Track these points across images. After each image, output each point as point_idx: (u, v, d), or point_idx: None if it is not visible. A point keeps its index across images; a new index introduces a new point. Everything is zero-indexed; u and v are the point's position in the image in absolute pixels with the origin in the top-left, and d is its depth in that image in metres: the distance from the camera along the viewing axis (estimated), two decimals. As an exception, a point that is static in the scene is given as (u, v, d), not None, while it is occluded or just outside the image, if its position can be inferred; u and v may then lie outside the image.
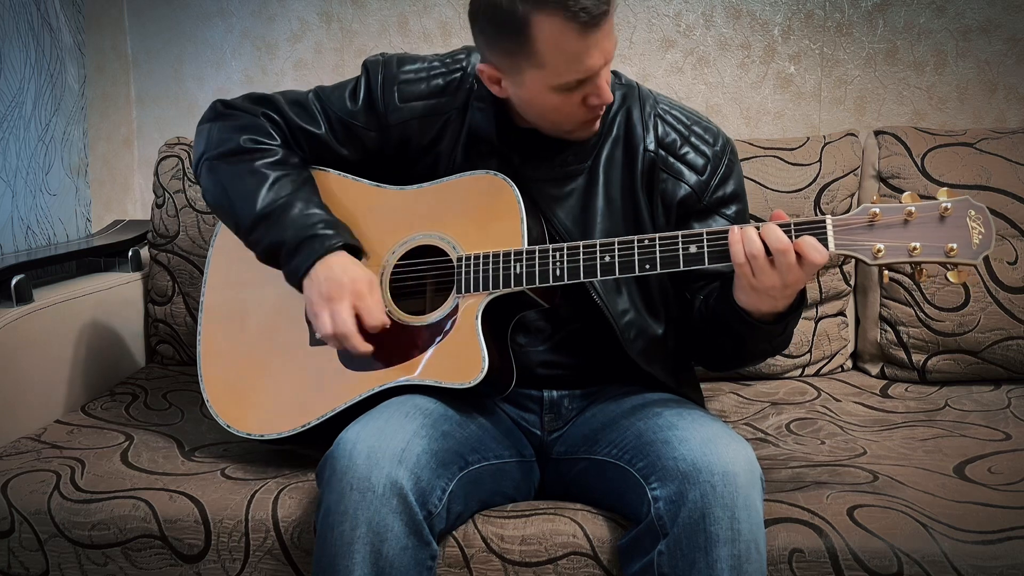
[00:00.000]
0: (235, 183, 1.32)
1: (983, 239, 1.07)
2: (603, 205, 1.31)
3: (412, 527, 1.09)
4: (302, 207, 1.29)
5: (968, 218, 1.07)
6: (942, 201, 1.08)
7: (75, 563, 1.28)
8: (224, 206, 1.34)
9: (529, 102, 1.24)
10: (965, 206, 1.07)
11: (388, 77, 1.36)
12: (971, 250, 1.07)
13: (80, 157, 2.08)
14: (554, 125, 1.27)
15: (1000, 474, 1.32)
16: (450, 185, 1.31)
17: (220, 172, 1.34)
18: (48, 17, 1.94)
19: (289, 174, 1.33)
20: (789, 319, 1.19)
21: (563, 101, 1.21)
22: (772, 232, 1.09)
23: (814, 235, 1.09)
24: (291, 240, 1.27)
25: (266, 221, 1.29)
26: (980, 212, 1.08)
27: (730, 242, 1.11)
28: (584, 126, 1.27)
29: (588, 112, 1.23)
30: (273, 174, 1.32)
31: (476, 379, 1.21)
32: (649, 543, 1.10)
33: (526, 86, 1.21)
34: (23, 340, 1.57)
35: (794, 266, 1.08)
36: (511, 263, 1.23)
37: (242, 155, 1.34)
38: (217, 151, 1.35)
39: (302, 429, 1.30)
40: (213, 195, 1.36)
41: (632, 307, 1.29)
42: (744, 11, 2.04)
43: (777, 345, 1.27)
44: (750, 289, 1.12)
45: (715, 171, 1.33)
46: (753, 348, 1.27)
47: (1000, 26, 1.99)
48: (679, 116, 1.36)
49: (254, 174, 1.32)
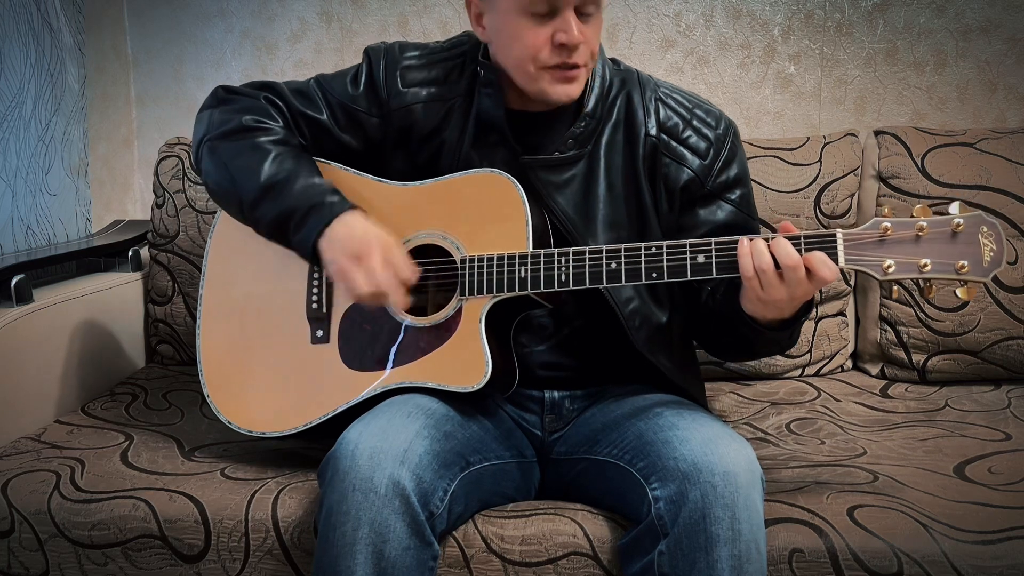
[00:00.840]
0: (237, 159, 1.30)
1: (994, 256, 1.06)
2: (604, 191, 1.30)
3: (414, 528, 1.09)
4: (306, 178, 1.27)
5: (980, 235, 1.06)
6: (954, 217, 1.07)
7: (75, 563, 1.28)
8: (226, 185, 1.31)
9: (504, 39, 1.23)
10: (977, 222, 1.07)
11: (390, 62, 1.35)
12: (982, 267, 1.06)
13: (80, 157, 2.08)
14: (528, 77, 1.23)
15: (1000, 474, 1.32)
16: (454, 183, 1.30)
17: (221, 151, 1.32)
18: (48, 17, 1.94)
19: (291, 151, 1.31)
20: (795, 326, 1.19)
21: (533, 36, 1.19)
22: (782, 247, 1.08)
23: (824, 249, 1.09)
24: (301, 207, 1.24)
25: (271, 192, 1.26)
26: (992, 229, 1.07)
27: (739, 255, 1.11)
28: (556, 77, 1.22)
29: (557, 55, 1.20)
30: (275, 149, 1.30)
31: (479, 383, 1.20)
32: (649, 543, 1.10)
33: (499, 12, 1.21)
34: (23, 340, 1.57)
35: (803, 281, 1.08)
36: (515, 267, 1.22)
37: (244, 133, 1.32)
38: (218, 131, 1.33)
39: (303, 428, 1.30)
40: (214, 177, 1.33)
41: (637, 295, 1.29)
42: (744, 11, 2.04)
43: (783, 347, 1.27)
44: (757, 300, 1.12)
45: (718, 154, 1.31)
46: (759, 349, 1.27)
47: (1000, 26, 1.99)
48: (680, 99, 1.34)
49: (256, 149, 1.30)
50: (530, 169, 1.28)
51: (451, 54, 1.36)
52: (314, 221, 1.23)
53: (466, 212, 1.27)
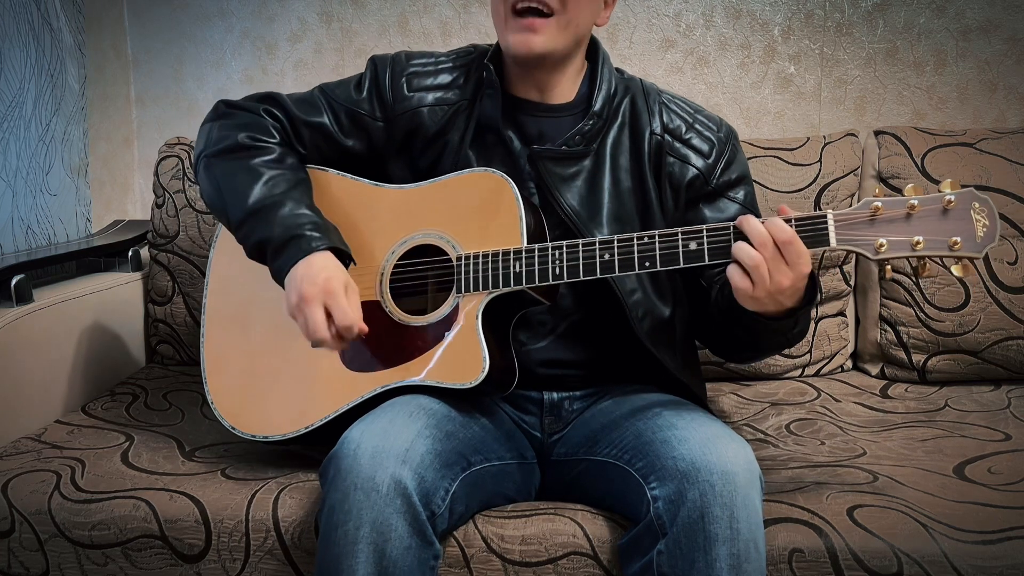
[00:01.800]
0: (229, 180, 1.32)
1: (988, 231, 1.05)
2: (610, 186, 1.32)
3: (416, 527, 1.09)
4: (292, 207, 1.28)
5: (972, 210, 1.06)
6: (945, 194, 1.06)
7: (75, 563, 1.28)
8: (217, 203, 1.34)
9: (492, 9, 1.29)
10: (969, 198, 1.06)
11: (397, 69, 1.38)
12: (975, 243, 1.05)
13: (80, 157, 2.08)
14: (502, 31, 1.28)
15: (1000, 474, 1.32)
16: (449, 183, 1.31)
17: (215, 169, 1.34)
18: (48, 17, 1.94)
19: (284, 174, 1.32)
20: (800, 313, 1.18)
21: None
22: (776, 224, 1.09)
23: (815, 229, 1.09)
24: (278, 238, 1.25)
25: (255, 217, 1.28)
26: (984, 204, 1.06)
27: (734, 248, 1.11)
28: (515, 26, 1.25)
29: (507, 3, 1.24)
30: (268, 172, 1.31)
31: (477, 379, 1.20)
32: (648, 543, 1.10)
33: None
34: (23, 340, 1.57)
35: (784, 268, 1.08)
36: (510, 262, 1.23)
37: (239, 152, 1.34)
38: (215, 148, 1.35)
39: (305, 431, 1.30)
40: (208, 193, 1.36)
41: (640, 288, 1.30)
42: (744, 11, 2.04)
43: (792, 338, 1.26)
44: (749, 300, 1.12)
45: (720, 155, 1.35)
46: (769, 341, 1.26)
47: (1000, 26, 1.99)
48: (683, 106, 1.40)
49: (249, 171, 1.31)
50: (538, 159, 1.30)
51: (457, 63, 1.39)
52: (287, 256, 1.24)
53: (461, 211, 1.28)
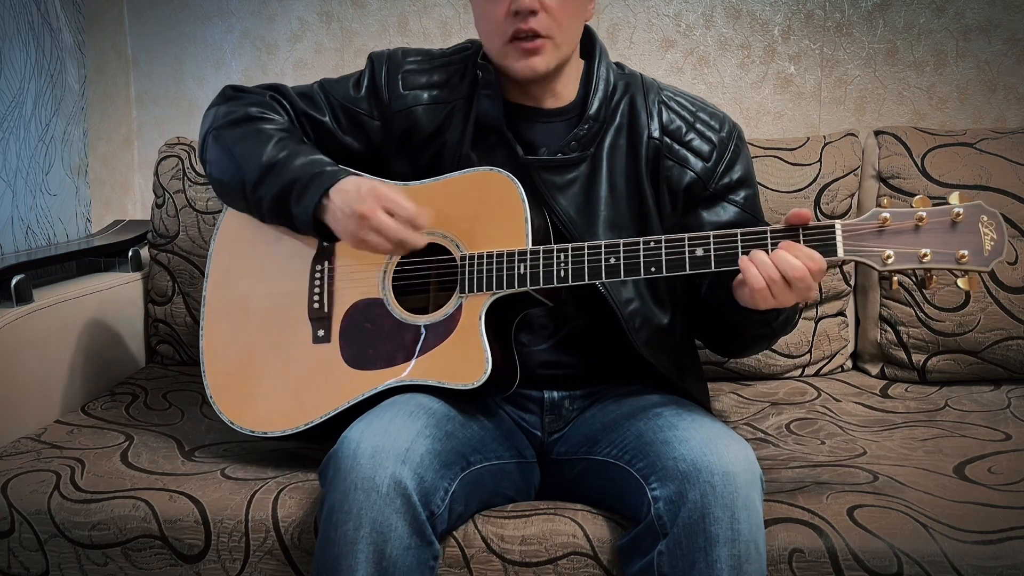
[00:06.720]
0: (240, 144, 1.32)
1: (995, 245, 1.05)
2: (606, 193, 1.30)
3: (415, 527, 1.09)
4: (307, 154, 1.29)
5: (980, 223, 1.06)
6: (954, 206, 1.06)
7: (75, 563, 1.28)
8: (229, 170, 1.33)
9: (477, 20, 1.28)
10: (977, 211, 1.06)
11: (393, 67, 1.38)
12: (983, 257, 1.05)
13: (80, 157, 2.08)
14: (498, 55, 1.27)
15: (1000, 474, 1.32)
16: (453, 182, 1.30)
17: (225, 137, 1.34)
18: (48, 17, 1.94)
19: (293, 136, 1.33)
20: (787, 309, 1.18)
21: (492, 8, 1.23)
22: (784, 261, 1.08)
23: (823, 239, 1.09)
24: (301, 180, 1.25)
25: (271, 172, 1.28)
26: (992, 217, 1.06)
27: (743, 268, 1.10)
28: (516, 50, 1.24)
29: (512, 22, 1.22)
30: (279, 134, 1.32)
31: (479, 380, 1.20)
32: (649, 543, 1.10)
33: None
34: (23, 340, 1.57)
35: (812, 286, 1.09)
36: (515, 263, 1.23)
37: (248, 121, 1.34)
38: (223, 121, 1.36)
39: (305, 427, 1.30)
40: (218, 163, 1.35)
41: (637, 296, 1.29)
42: (744, 11, 2.04)
43: (777, 328, 1.26)
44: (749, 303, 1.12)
45: (721, 157, 1.32)
46: (753, 331, 1.26)
47: (1000, 26, 1.99)
48: (684, 103, 1.35)
49: (259, 133, 1.32)
50: (532, 169, 1.29)
51: (453, 59, 1.38)
52: (311, 192, 1.24)
53: (466, 210, 1.28)
